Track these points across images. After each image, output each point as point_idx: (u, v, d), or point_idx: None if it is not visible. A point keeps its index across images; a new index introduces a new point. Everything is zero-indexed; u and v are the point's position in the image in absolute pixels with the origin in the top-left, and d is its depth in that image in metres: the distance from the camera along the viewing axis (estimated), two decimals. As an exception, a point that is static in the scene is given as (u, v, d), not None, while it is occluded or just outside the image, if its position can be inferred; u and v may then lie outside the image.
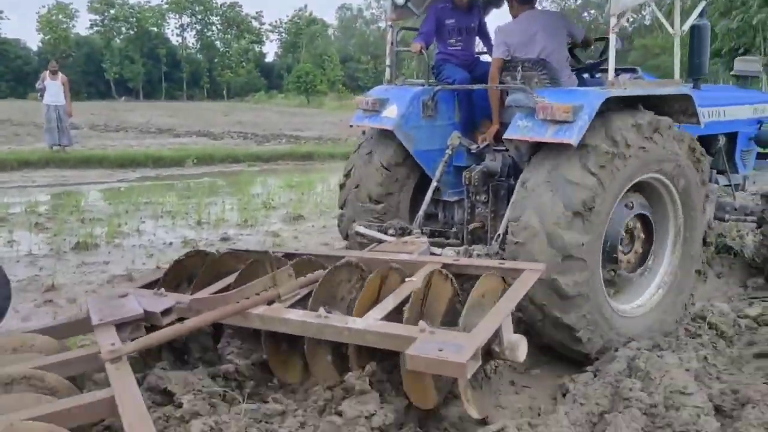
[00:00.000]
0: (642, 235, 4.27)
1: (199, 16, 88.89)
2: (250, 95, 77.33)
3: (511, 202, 4.09)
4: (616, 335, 3.89)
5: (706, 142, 5.49)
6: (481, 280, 3.14)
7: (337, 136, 21.32)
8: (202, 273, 3.70)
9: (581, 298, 3.67)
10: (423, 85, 5.07)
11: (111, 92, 79.55)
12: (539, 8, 5.07)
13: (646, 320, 4.17)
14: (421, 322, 2.83)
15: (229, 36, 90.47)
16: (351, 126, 5.10)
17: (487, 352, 2.88)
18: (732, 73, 6.76)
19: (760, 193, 6.03)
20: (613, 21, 3.86)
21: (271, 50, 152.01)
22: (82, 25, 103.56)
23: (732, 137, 5.91)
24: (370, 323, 2.95)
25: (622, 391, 3.21)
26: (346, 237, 4.95)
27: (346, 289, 3.40)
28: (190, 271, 3.86)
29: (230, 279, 3.60)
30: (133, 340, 3.08)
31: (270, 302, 3.26)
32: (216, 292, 3.48)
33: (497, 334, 2.86)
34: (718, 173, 5.87)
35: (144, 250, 6.18)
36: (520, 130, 3.92)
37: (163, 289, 3.57)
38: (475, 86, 5.03)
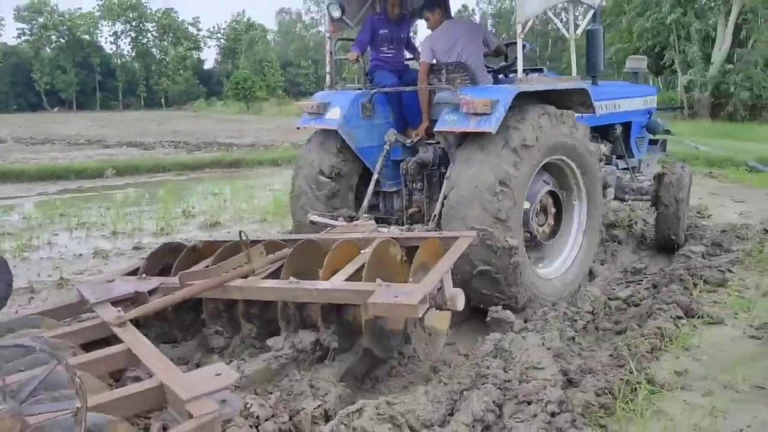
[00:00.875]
0: (553, 210, 4.99)
1: (134, 23, 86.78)
2: (189, 103, 76.06)
3: (446, 180, 4.67)
4: (536, 292, 4.56)
5: (606, 131, 6.27)
6: (423, 246, 3.69)
7: (271, 143, 21.31)
8: (180, 260, 4.18)
9: (508, 256, 4.27)
10: (360, 89, 5.63)
11: (42, 104, 77.00)
12: (456, 18, 5.67)
13: (558, 283, 4.89)
14: (378, 279, 3.35)
15: (165, 43, 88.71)
16: (298, 128, 5.59)
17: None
18: (624, 70, 7.43)
19: (652, 175, 6.63)
20: (519, 28, 4.54)
21: (210, 57, 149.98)
22: (9, 35, 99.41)
23: (627, 126, 6.61)
24: (336, 284, 3.50)
25: (483, 370, 3.49)
26: (296, 227, 5.52)
27: (310, 263, 3.86)
28: (164, 261, 4.33)
29: (205, 264, 4.09)
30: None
31: (245, 276, 3.77)
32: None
33: (441, 287, 3.43)
34: (617, 158, 6.57)
35: (51, 263, 6.18)
36: (448, 123, 4.54)
37: (144, 275, 4.11)
38: (407, 89, 5.57)
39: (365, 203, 5.27)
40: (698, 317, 4.37)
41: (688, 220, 6.90)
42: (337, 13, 5.67)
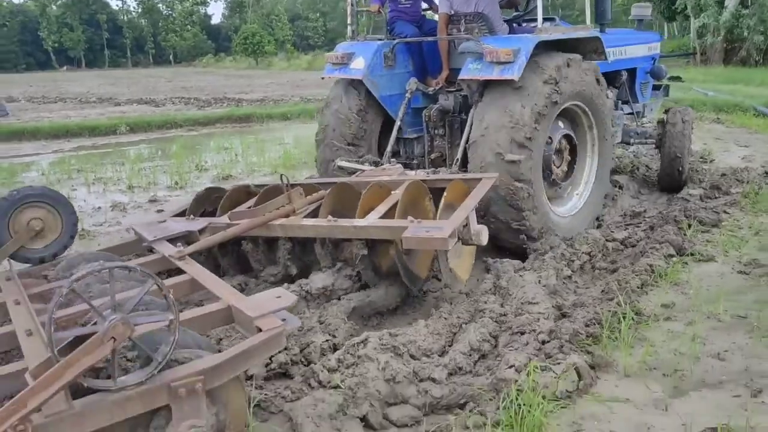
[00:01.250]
0: (568, 153, 5.24)
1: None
2: (197, 59, 75.62)
3: (472, 122, 4.89)
4: (551, 226, 4.84)
5: (612, 77, 6.38)
6: (449, 186, 3.97)
7: (281, 97, 21.37)
8: (223, 202, 4.59)
9: (530, 198, 4.60)
10: (382, 40, 5.82)
11: (51, 62, 76.88)
12: None
13: (574, 221, 5.20)
14: (409, 216, 3.66)
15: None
16: (322, 78, 5.85)
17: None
18: (630, 17, 7.58)
19: (656, 120, 6.90)
20: None
21: (217, 12, 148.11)
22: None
23: (632, 72, 6.76)
24: (371, 221, 3.79)
25: (481, 305, 3.74)
26: (321, 168, 5.77)
27: (345, 204, 4.18)
28: (207, 204, 4.77)
29: (248, 205, 4.44)
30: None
31: (286, 215, 4.11)
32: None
33: (466, 223, 3.73)
34: (622, 103, 6.78)
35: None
36: (472, 71, 4.78)
37: (192, 216, 4.56)
38: (428, 38, 5.78)
39: (389, 149, 5.56)
40: (690, 255, 4.58)
41: (690, 165, 7.06)
42: None
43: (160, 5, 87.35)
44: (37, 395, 2.01)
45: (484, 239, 3.78)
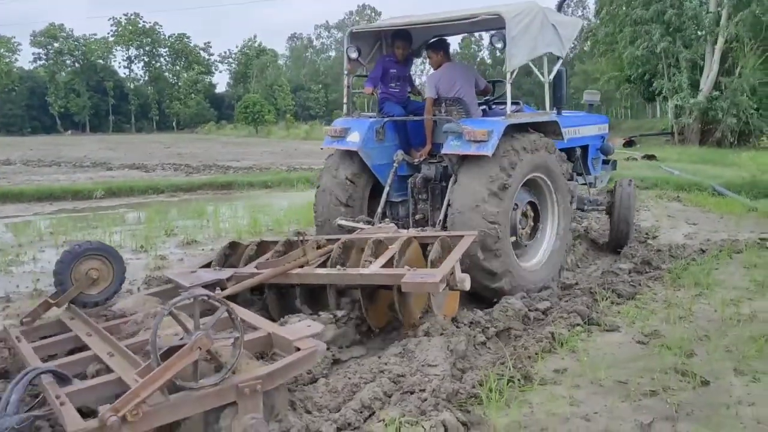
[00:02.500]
0: (532, 215, 6.14)
1: (147, 48, 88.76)
2: (200, 127, 77.32)
3: (450, 192, 5.77)
4: (520, 282, 5.61)
5: (569, 152, 7.37)
6: (437, 242, 4.80)
7: (269, 165, 21.98)
8: (245, 256, 5.39)
9: (500, 251, 5.41)
10: (373, 117, 6.73)
11: (56, 126, 78.64)
12: (456, 62, 6.98)
13: (537, 275, 5.94)
14: (405, 266, 4.51)
15: (178, 67, 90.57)
16: (321, 149, 6.78)
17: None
18: (582, 102, 8.52)
19: (606, 190, 8.10)
20: (508, 76, 5.75)
21: (222, 81, 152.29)
22: (25, 59, 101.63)
23: (585, 148, 7.85)
24: (375, 270, 4.56)
25: (383, 366, 4.00)
26: (319, 227, 6.58)
27: (349, 256, 5.04)
28: (227, 257, 5.53)
29: (263, 258, 5.25)
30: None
31: (301, 266, 4.92)
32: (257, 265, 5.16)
33: (453, 272, 4.44)
34: (577, 175, 7.78)
35: (32, 276, 6.74)
36: (453, 147, 5.65)
37: (217, 267, 5.33)
38: (416, 118, 6.69)
39: (379, 210, 6.39)
40: (596, 324, 4.86)
41: (632, 242, 7.56)
42: (354, 55, 6.76)
43: (166, 74, 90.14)
44: (146, 389, 2.70)
45: (467, 285, 4.54)
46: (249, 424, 2.89)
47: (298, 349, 3.33)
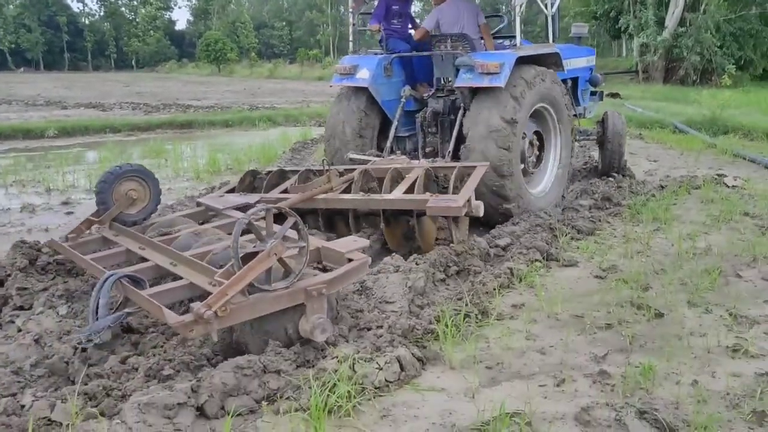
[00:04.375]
0: (537, 144, 6.41)
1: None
2: (160, 65, 74.89)
3: (464, 121, 5.92)
4: (528, 207, 5.92)
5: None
6: (455, 173, 5.16)
7: (231, 104, 21.43)
8: (267, 182, 5.80)
9: (511, 177, 5.70)
10: (380, 54, 6.87)
11: (7, 63, 75.29)
12: None
13: (542, 201, 6.27)
14: (427, 192, 4.95)
15: (135, 2, 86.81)
16: (331, 86, 6.90)
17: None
18: (570, 35, 8.53)
19: (595, 120, 8.46)
20: (517, 9, 6.31)
21: (183, 18, 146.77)
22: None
23: (575, 80, 8.01)
24: (398, 195, 4.94)
25: (342, 302, 3.95)
26: (330, 162, 6.57)
27: (368, 184, 5.36)
28: (249, 184, 5.94)
29: (284, 186, 5.70)
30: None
31: (326, 192, 5.27)
32: (282, 192, 5.60)
33: (469, 200, 4.71)
34: None
35: (-22, 215, 6.50)
36: (465, 80, 5.86)
37: (240, 192, 5.72)
38: (422, 53, 6.84)
39: (388, 144, 6.65)
40: (555, 260, 4.87)
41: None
42: None
43: (123, 9, 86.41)
44: (232, 288, 3.02)
45: (481, 212, 4.81)
46: (317, 322, 3.24)
47: (350, 260, 3.66)
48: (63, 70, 75.57)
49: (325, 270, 3.77)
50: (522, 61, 5.94)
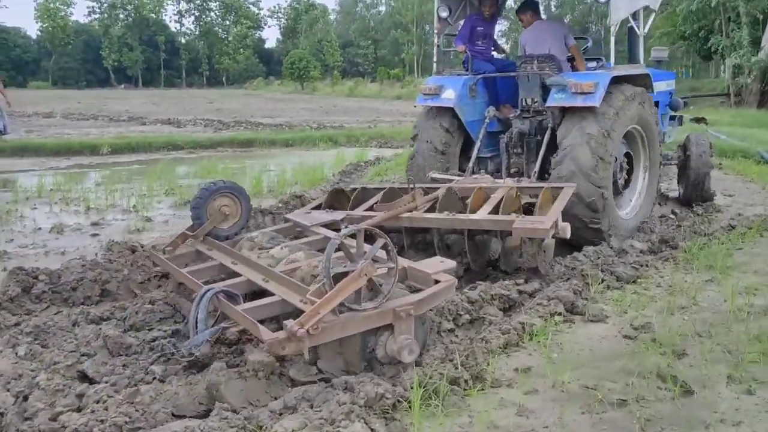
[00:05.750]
0: (627, 166, 6.39)
1: (198, 2, 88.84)
2: (248, 82, 77.42)
3: (558, 133, 5.90)
4: (616, 229, 5.87)
5: None
6: (542, 193, 5.09)
7: (302, 123, 21.57)
8: (353, 199, 5.92)
9: (605, 190, 5.64)
10: (465, 75, 6.96)
11: (110, 80, 79.95)
12: (547, 19, 7.19)
13: (629, 223, 6.26)
14: (512, 213, 4.91)
15: (227, 22, 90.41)
16: (415, 106, 7.15)
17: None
18: (650, 59, 8.08)
19: (677, 144, 8.23)
20: (612, 29, 6.07)
21: (272, 36, 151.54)
22: (80, 13, 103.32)
23: (656, 104, 7.48)
24: (483, 216, 4.90)
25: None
26: (413, 180, 6.34)
27: (451, 204, 5.29)
28: (333, 201, 6.05)
29: (369, 203, 5.77)
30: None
31: (410, 211, 5.25)
32: (366, 209, 5.65)
33: (556, 221, 4.62)
34: None
35: (6, 235, 6.53)
36: (557, 100, 5.88)
37: (327, 209, 5.85)
38: (509, 74, 6.88)
39: (470, 165, 6.67)
40: (579, 314, 4.28)
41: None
42: (444, 14, 7.18)
43: (217, 28, 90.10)
44: (324, 308, 3.11)
45: (568, 234, 4.69)
46: (404, 343, 3.29)
47: (437, 282, 3.70)
48: (159, 86, 79.39)
49: (412, 290, 3.76)
50: (615, 80, 5.89)
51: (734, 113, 20.92)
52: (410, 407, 3.01)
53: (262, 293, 3.89)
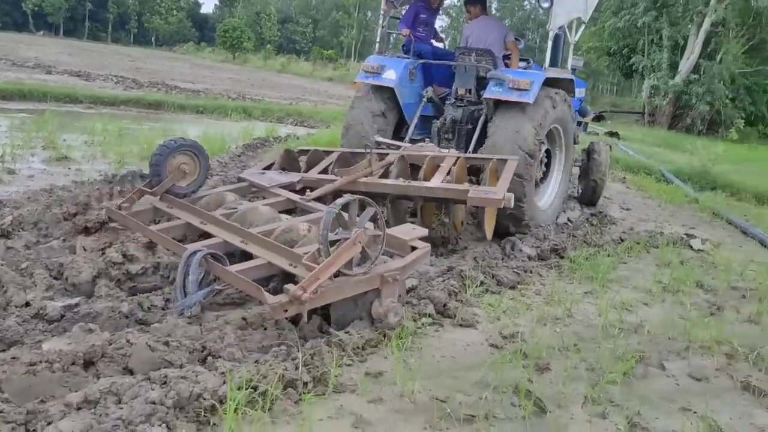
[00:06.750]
0: (545, 162, 6.77)
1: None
2: (178, 45, 74.36)
3: (490, 126, 6.22)
4: (535, 218, 6.21)
5: None
6: (490, 165, 5.42)
7: (222, 92, 20.67)
8: (306, 163, 6.07)
9: (529, 182, 5.99)
10: (407, 58, 7.11)
11: (28, 25, 74.93)
12: (491, 16, 7.32)
13: (547, 213, 6.64)
14: (465, 183, 5.23)
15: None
16: (354, 82, 7.23)
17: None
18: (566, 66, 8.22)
19: (582, 149, 8.50)
20: (550, 33, 6.43)
21: (210, 1, 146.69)
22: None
23: None
24: (438, 184, 5.12)
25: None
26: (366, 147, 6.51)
27: (404, 170, 5.56)
28: (284, 163, 6.02)
29: (321, 166, 5.90)
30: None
31: (366, 176, 5.39)
32: (320, 172, 5.81)
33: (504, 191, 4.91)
34: None
35: None
36: (495, 93, 6.16)
37: (280, 170, 5.85)
38: (449, 63, 7.09)
39: (405, 143, 6.63)
40: (450, 317, 4.03)
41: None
42: None
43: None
44: (324, 273, 3.27)
45: (512, 204, 4.95)
46: (390, 306, 3.54)
47: (413, 248, 3.93)
48: (82, 38, 75.04)
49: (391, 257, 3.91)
50: (546, 82, 6.22)
51: (646, 132, 21.61)
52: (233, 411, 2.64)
53: (233, 254, 3.98)
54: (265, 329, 3.49)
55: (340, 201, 3.46)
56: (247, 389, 2.75)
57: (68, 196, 5.52)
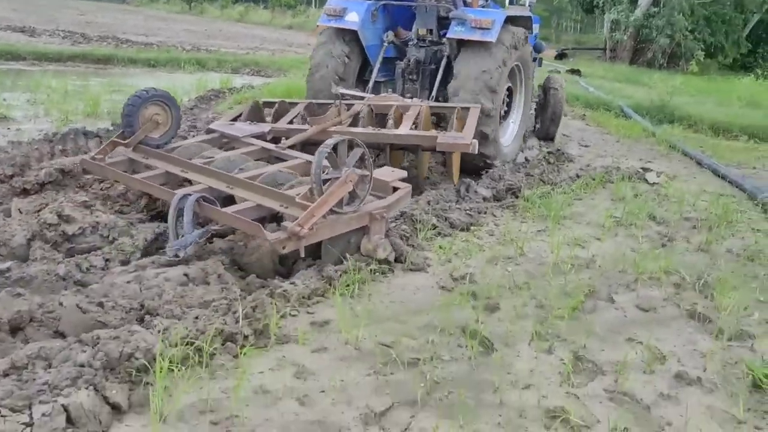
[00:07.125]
0: (507, 100, 6.82)
1: None
2: (132, -4, 71.46)
3: (455, 65, 6.26)
4: (499, 154, 6.37)
5: None
6: (456, 111, 5.65)
7: (177, 44, 19.94)
8: (274, 113, 6.07)
9: (494, 120, 6.12)
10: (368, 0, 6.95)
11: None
12: None
13: (509, 149, 6.82)
14: (432, 129, 5.64)
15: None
16: (317, 26, 7.09)
17: None
18: (520, 2, 8.45)
19: (538, 84, 8.60)
20: None
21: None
22: None
23: None
24: (407, 131, 5.33)
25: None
26: (312, 97, 6.73)
27: (371, 119, 5.76)
28: (252, 115, 5.97)
29: (289, 116, 5.94)
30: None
31: (336, 125, 5.49)
32: (288, 122, 5.84)
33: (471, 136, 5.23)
34: None
35: None
36: (457, 33, 6.21)
37: (249, 121, 5.77)
38: (412, 4, 6.94)
39: (370, 86, 6.84)
40: (399, 261, 3.98)
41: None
42: None
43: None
44: (319, 210, 3.46)
45: (476, 149, 5.25)
46: (379, 242, 3.79)
47: (395, 189, 4.16)
48: (27, -8, 71.62)
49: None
50: (507, 20, 6.28)
51: (608, 67, 21.53)
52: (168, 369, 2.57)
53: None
54: (208, 284, 3.41)
55: (330, 141, 3.57)
56: (183, 346, 2.68)
57: (5, 157, 5.27)
